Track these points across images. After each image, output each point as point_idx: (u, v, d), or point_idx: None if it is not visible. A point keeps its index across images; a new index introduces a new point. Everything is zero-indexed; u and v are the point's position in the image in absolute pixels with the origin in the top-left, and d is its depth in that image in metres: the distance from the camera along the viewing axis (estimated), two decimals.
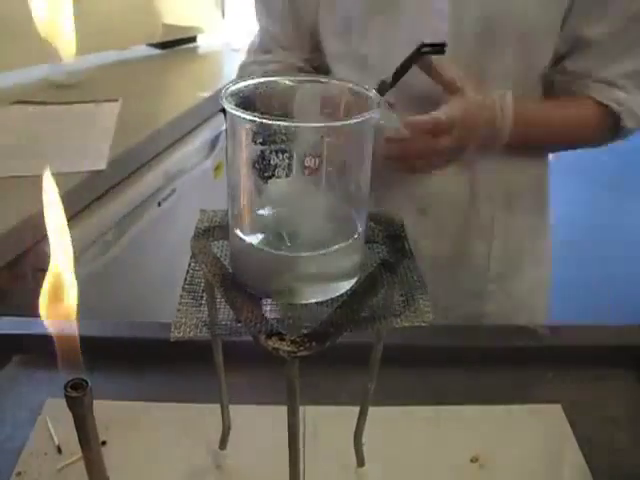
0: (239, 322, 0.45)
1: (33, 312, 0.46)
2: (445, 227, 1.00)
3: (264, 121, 0.41)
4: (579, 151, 1.01)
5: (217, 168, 1.76)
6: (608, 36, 0.87)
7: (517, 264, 1.06)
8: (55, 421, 0.71)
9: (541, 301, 1.13)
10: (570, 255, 2.92)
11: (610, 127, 0.93)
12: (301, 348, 0.43)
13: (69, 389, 0.42)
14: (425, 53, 0.80)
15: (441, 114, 0.81)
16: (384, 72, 0.90)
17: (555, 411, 0.76)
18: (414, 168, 0.87)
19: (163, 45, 2.09)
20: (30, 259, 1.13)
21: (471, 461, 0.70)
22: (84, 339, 0.79)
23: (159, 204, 1.47)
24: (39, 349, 0.80)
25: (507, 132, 0.86)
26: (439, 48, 0.81)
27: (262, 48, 1.05)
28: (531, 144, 0.95)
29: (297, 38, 1.02)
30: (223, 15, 2.34)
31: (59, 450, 0.68)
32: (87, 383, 0.42)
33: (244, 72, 1.06)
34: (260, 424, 0.71)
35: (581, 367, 0.81)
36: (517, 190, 1.01)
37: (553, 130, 0.95)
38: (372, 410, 0.65)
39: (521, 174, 1.01)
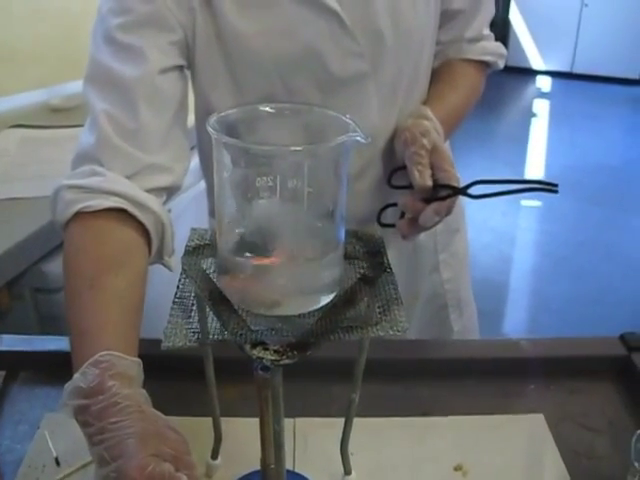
0: (226, 333, 0.48)
1: (31, 331, 0.48)
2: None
3: (246, 145, 0.44)
4: (570, 167, 1.04)
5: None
6: (468, 3, 0.96)
7: (452, 229, 1.12)
8: (53, 435, 0.73)
9: (467, 259, 1.21)
10: (560, 270, 2.96)
11: (486, 74, 1.05)
12: (284, 357, 0.46)
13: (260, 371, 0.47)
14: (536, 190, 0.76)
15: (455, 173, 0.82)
16: None
17: (537, 421, 0.78)
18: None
19: None
20: (28, 279, 1.15)
21: (455, 469, 0.72)
22: None
23: None
24: (37, 366, 0.83)
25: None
26: (552, 187, 0.76)
27: (92, 157, 0.76)
28: (450, 133, 1.00)
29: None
30: None
31: (57, 462, 0.70)
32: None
33: (56, 200, 0.75)
34: (250, 435, 0.73)
35: (562, 378, 0.84)
36: None
37: (459, 113, 1.01)
38: (359, 421, 0.67)
39: None
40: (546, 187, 0.74)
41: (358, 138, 0.47)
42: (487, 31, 1.02)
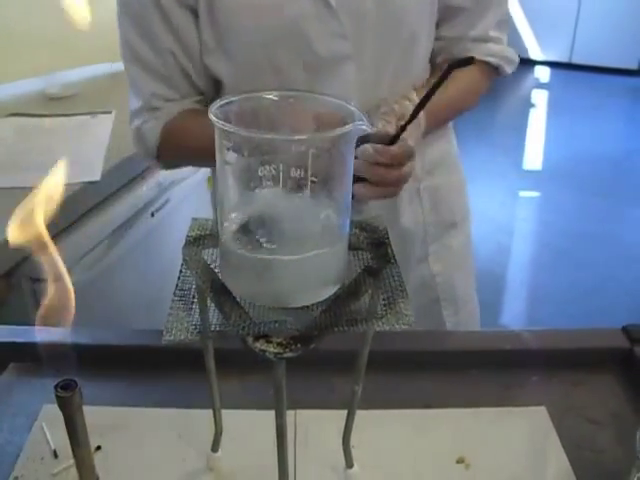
0: (228, 326, 0.47)
1: (29, 321, 0.48)
2: (377, 210, 1.00)
3: (249, 134, 0.43)
4: (569, 158, 1.04)
5: (210, 178, 1.77)
6: (471, 1, 0.96)
7: (449, 225, 1.12)
8: (51, 427, 0.72)
9: (470, 261, 1.22)
10: (559, 261, 2.96)
11: (491, 77, 1.04)
12: (287, 350, 0.45)
13: (59, 389, 0.44)
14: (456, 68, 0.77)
15: (410, 144, 0.81)
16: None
17: (539, 413, 0.78)
18: (387, 193, 0.85)
19: None
20: (25, 269, 1.14)
21: (457, 462, 0.71)
22: (79, 346, 0.81)
23: (152, 214, 1.49)
24: (35, 357, 0.82)
25: (423, 129, 0.89)
26: (468, 61, 0.80)
27: (146, 108, 1.00)
28: (438, 126, 1.01)
29: (189, 91, 0.98)
30: None
31: (55, 455, 0.70)
32: (76, 384, 0.44)
33: (143, 134, 1.01)
34: (251, 427, 0.73)
35: (564, 370, 0.83)
36: (434, 158, 1.08)
37: (454, 105, 1.01)
38: (361, 413, 0.67)
39: (434, 145, 1.06)
40: (462, 63, 0.74)
41: (364, 127, 0.46)
42: (495, 33, 1.01)
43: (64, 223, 1.23)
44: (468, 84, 1.01)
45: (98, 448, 0.71)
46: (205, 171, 1.75)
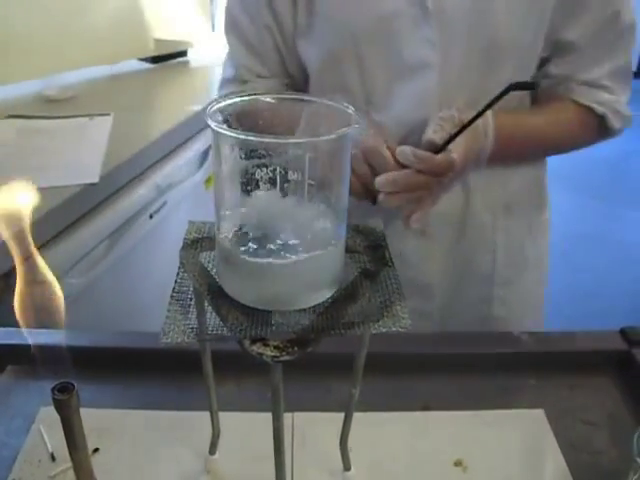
0: (225, 328, 0.47)
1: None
2: (447, 243, 1.00)
3: (246, 137, 0.43)
4: (567, 160, 1.02)
5: (208, 180, 1.78)
6: (586, 39, 0.90)
7: (521, 265, 1.07)
8: (49, 429, 0.72)
9: (540, 299, 1.16)
10: (558, 263, 2.95)
11: (595, 128, 0.95)
12: (284, 353, 0.45)
13: (56, 392, 0.43)
14: (515, 90, 0.74)
15: (453, 156, 0.78)
16: (367, 100, 0.92)
17: (537, 416, 0.78)
18: (417, 200, 0.81)
19: (154, 59, 2.11)
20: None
21: (455, 465, 0.71)
22: (77, 349, 0.81)
23: (151, 216, 1.49)
24: (32, 360, 0.82)
25: (490, 147, 0.86)
26: (531, 85, 0.79)
27: (239, 79, 1.03)
28: (515, 153, 0.96)
29: (279, 69, 1.01)
30: (213, 29, 2.37)
31: (53, 457, 0.70)
32: (74, 386, 0.44)
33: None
34: (248, 430, 0.73)
35: (562, 373, 0.83)
36: (514, 194, 1.02)
37: (535, 137, 0.96)
38: (358, 415, 0.67)
39: (515, 178, 1.01)
40: (523, 86, 0.75)
41: (360, 130, 0.46)
42: (610, 82, 0.93)
43: (61, 225, 1.22)
44: (561, 122, 0.95)
45: (96, 450, 0.71)
46: (203, 173, 1.75)
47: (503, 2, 0.84)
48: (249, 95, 0.51)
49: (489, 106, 0.72)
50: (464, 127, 0.75)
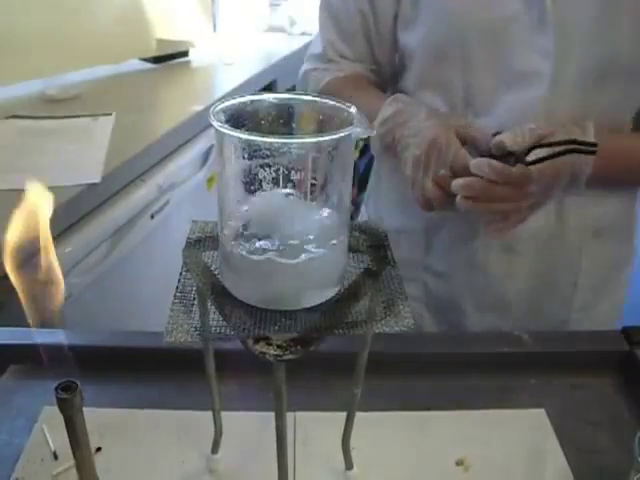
0: (228, 328, 0.48)
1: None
2: (531, 260, 0.98)
3: (250, 138, 0.43)
4: None
5: (210, 180, 1.78)
6: None
7: (602, 293, 1.04)
8: (51, 428, 0.72)
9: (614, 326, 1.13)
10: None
11: None
12: (287, 352, 0.46)
13: (60, 391, 0.44)
14: (573, 151, 0.73)
15: (532, 169, 0.75)
16: (467, 102, 0.90)
17: (538, 416, 0.78)
18: (500, 212, 0.79)
19: (156, 59, 2.11)
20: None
21: (456, 464, 0.71)
22: (79, 348, 0.81)
23: (152, 216, 1.49)
24: (35, 359, 0.82)
25: (589, 168, 0.81)
26: (590, 147, 0.74)
27: (325, 57, 1.04)
28: (616, 178, 0.92)
29: (365, 55, 1.01)
30: (215, 29, 2.37)
31: (55, 456, 0.70)
32: (77, 385, 0.44)
33: (308, 79, 1.06)
34: (251, 429, 0.73)
35: (563, 373, 0.83)
36: (606, 220, 0.99)
37: (638, 164, 0.92)
38: (361, 415, 0.67)
39: (611, 204, 0.98)
40: (584, 148, 0.74)
41: (363, 130, 0.46)
42: None
43: (64, 225, 1.23)
44: None
45: (98, 449, 0.71)
46: (205, 173, 1.75)
47: (631, 15, 0.81)
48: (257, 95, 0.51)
49: (544, 159, 0.72)
50: (526, 160, 0.74)
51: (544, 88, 0.84)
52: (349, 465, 0.69)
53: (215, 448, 0.70)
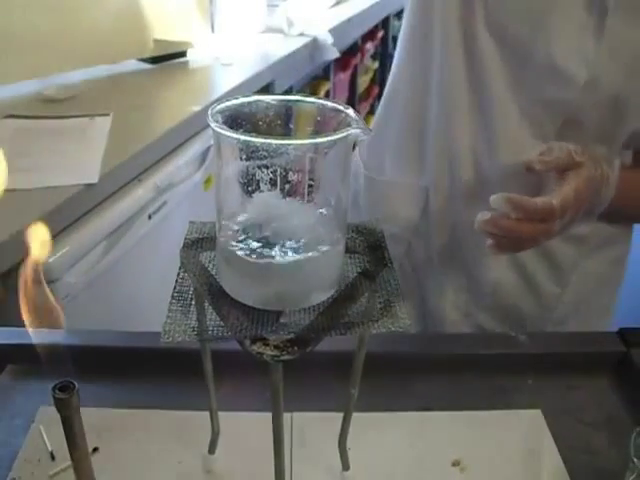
0: (225, 328, 0.48)
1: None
2: (520, 255, 0.96)
3: (248, 139, 0.43)
4: None
5: (207, 181, 1.77)
6: None
7: (584, 312, 1.04)
8: (48, 428, 0.72)
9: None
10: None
11: None
12: (284, 352, 0.46)
13: (57, 391, 0.44)
14: None
15: (553, 201, 0.73)
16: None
17: (535, 416, 0.78)
18: (519, 247, 0.80)
19: (154, 60, 2.11)
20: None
21: (453, 465, 0.71)
22: (77, 348, 0.81)
23: (149, 217, 1.49)
24: (32, 359, 0.82)
25: (607, 203, 0.81)
26: None
27: None
28: (627, 214, 0.92)
29: None
30: (213, 30, 2.37)
31: (52, 457, 0.70)
32: (74, 385, 0.44)
33: None
34: (248, 429, 0.73)
35: (559, 374, 0.84)
36: (606, 239, 0.99)
37: None
38: (357, 416, 0.67)
39: (616, 226, 0.98)
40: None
41: (361, 132, 0.46)
42: None
43: (61, 226, 1.23)
44: None
45: (95, 450, 0.71)
46: (202, 174, 1.75)
47: None
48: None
49: None
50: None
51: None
52: (346, 466, 0.69)
53: (212, 448, 0.70)
